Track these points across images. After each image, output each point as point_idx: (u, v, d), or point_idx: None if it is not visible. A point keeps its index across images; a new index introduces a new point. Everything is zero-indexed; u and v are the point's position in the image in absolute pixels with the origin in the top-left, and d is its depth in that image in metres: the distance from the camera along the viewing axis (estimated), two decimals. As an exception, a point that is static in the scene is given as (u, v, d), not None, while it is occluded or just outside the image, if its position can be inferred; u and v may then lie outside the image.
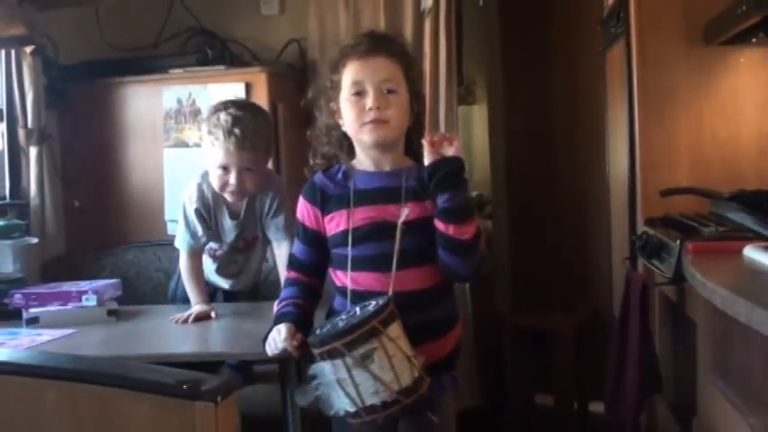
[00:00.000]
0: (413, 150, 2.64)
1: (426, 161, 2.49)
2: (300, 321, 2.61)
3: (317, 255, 2.69)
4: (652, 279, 3.08)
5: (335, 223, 2.61)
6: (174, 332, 3.12)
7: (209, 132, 3.23)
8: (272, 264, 3.64)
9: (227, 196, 3.29)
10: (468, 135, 6.07)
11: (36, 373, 2.17)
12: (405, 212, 2.49)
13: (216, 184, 3.26)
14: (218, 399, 2.02)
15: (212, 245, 3.43)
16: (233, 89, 4.13)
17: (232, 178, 3.21)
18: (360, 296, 2.55)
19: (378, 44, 2.59)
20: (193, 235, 3.35)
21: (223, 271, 3.52)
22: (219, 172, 3.22)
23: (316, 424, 2.88)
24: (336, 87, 2.61)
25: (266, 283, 3.75)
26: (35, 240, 3.71)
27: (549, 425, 4.85)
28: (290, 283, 2.72)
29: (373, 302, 2.38)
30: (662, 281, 2.92)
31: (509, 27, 5.38)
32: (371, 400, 2.32)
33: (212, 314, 3.21)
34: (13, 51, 3.93)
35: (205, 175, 3.34)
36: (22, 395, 2.15)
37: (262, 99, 4.12)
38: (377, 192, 2.58)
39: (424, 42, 4.39)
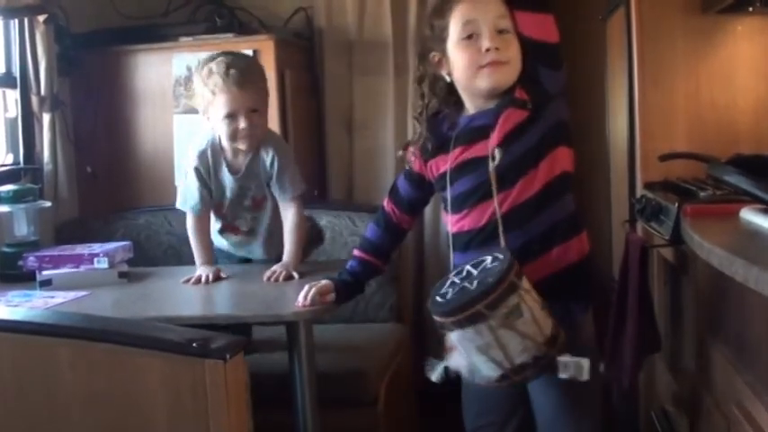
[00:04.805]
0: None
1: None
2: (352, 284, 2.80)
3: (415, 193, 2.77)
4: (651, 241, 3.09)
5: (436, 168, 2.64)
6: (184, 294, 3.17)
7: (205, 84, 3.20)
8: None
9: (240, 144, 3.27)
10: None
11: (51, 332, 2.23)
12: (496, 152, 2.46)
13: (226, 135, 3.24)
14: (227, 356, 2.08)
15: (217, 199, 3.42)
16: (241, 56, 4.17)
17: (242, 123, 3.19)
18: (461, 240, 2.59)
19: None
20: (193, 194, 3.37)
21: (231, 229, 3.50)
22: (227, 121, 3.20)
23: (323, 385, 2.95)
24: (442, 34, 2.53)
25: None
26: (48, 204, 3.74)
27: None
28: (380, 218, 2.85)
29: (488, 258, 2.31)
30: (661, 243, 2.95)
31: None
32: (520, 359, 2.24)
33: (222, 275, 3.26)
34: (26, 20, 3.96)
35: (206, 138, 3.35)
36: (37, 353, 2.21)
37: (269, 66, 4.14)
38: (472, 131, 2.55)
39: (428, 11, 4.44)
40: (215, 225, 3.49)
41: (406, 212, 2.82)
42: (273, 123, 4.09)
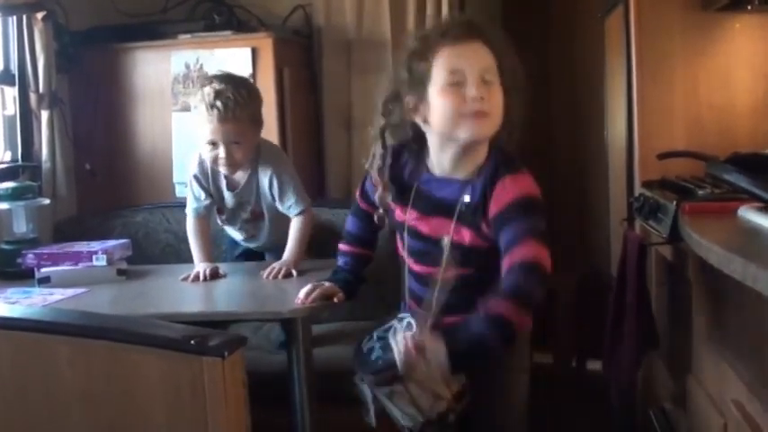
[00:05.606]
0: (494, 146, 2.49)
1: None
2: (352, 281, 2.84)
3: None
4: (649, 239, 3.08)
5: (394, 209, 2.61)
6: (183, 291, 3.17)
7: (195, 107, 3.26)
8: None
9: (221, 169, 3.34)
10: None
11: (49, 329, 2.22)
12: (446, 240, 2.44)
13: (208, 158, 3.30)
14: (225, 354, 2.07)
15: (218, 203, 3.47)
16: (239, 54, 4.17)
17: (221, 152, 3.24)
18: (413, 273, 2.59)
19: (472, 30, 2.39)
20: (196, 199, 3.43)
21: (235, 230, 3.58)
22: (209, 147, 3.26)
23: (322, 384, 2.96)
24: (422, 78, 2.41)
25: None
26: (47, 202, 3.74)
27: (548, 383, 4.85)
28: (356, 210, 2.87)
29: (410, 320, 2.36)
30: (658, 241, 2.94)
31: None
32: (402, 422, 2.32)
33: (220, 272, 3.27)
34: (24, 17, 3.96)
35: None
36: (36, 350, 2.20)
37: (268, 64, 4.17)
38: (431, 202, 2.50)
39: (427, 10, 4.46)
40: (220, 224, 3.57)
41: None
42: (272, 121, 4.11)
